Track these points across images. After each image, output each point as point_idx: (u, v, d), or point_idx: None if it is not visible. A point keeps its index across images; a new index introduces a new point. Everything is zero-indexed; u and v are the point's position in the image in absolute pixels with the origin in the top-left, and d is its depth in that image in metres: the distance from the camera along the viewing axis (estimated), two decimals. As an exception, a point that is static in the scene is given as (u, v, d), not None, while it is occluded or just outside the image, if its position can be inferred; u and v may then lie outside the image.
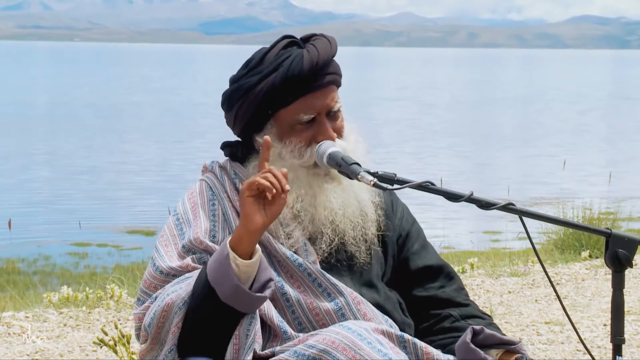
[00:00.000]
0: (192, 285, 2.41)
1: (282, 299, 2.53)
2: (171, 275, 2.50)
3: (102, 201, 18.74)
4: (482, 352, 2.45)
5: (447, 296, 2.72)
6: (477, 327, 2.51)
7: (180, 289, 2.43)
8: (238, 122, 2.65)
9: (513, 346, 2.52)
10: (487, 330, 2.51)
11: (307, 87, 2.58)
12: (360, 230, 2.63)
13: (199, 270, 2.45)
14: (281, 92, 2.57)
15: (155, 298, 2.48)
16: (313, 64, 2.58)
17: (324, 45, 2.63)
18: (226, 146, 2.73)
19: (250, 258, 2.39)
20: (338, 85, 2.66)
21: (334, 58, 2.68)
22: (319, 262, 2.59)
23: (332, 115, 2.63)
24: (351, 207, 2.61)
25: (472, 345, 2.46)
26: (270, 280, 2.42)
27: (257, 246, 2.41)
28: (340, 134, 2.63)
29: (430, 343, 2.53)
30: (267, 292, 2.39)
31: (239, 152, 2.69)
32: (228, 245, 2.38)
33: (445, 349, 2.58)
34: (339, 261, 2.62)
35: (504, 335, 2.57)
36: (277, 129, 2.61)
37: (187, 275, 2.47)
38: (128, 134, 31.88)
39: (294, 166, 2.58)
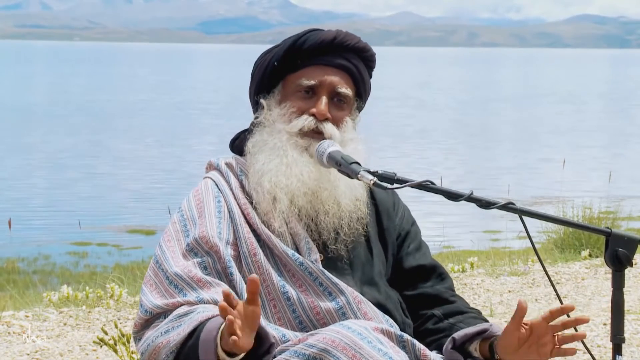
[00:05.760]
0: (182, 336, 2.35)
1: (282, 298, 2.53)
2: (173, 283, 2.49)
3: (102, 201, 18.74)
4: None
5: (436, 292, 2.72)
6: (455, 336, 2.50)
7: (173, 332, 2.39)
8: (253, 82, 2.71)
9: (486, 333, 2.52)
10: (459, 332, 2.51)
11: (319, 57, 2.64)
12: (334, 214, 2.59)
13: (195, 313, 2.37)
14: (294, 54, 2.63)
15: (153, 315, 2.47)
16: (332, 39, 2.63)
17: (355, 36, 2.69)
18: (233, 140, 2.76)
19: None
20: (354, 77, 2.67)
21: (369, 72, 2.71)
22: (321, 259, 2.59)
23: (336, 101, 2.65)
24: (325, 192, 2.59)
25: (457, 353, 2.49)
26: (272, 346, 2.35)
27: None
28: (337, 124, 2.63)
29: None
30: None
31: (241, 140, 2.71)
32: (218, 342, 2.27)
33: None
34: (340, 258, 2.61)
35: (481, 323, 2.57)
36: (281, 94, 2.66)
37: (184, 311, 2.41)
38: (127, 133, 31.86)
39: (280, 131, 2.60)
